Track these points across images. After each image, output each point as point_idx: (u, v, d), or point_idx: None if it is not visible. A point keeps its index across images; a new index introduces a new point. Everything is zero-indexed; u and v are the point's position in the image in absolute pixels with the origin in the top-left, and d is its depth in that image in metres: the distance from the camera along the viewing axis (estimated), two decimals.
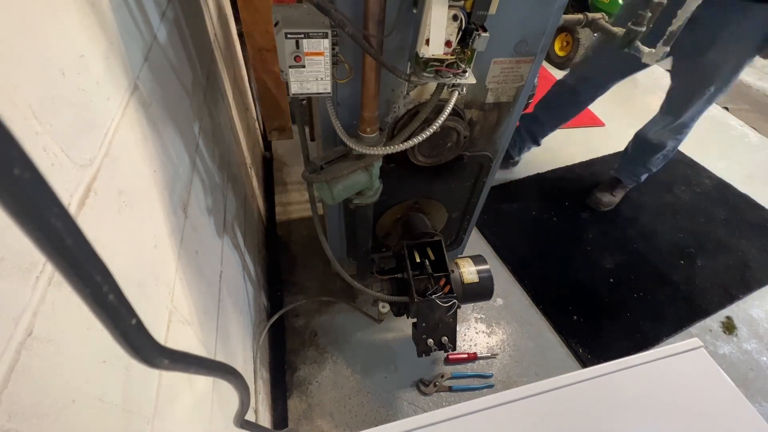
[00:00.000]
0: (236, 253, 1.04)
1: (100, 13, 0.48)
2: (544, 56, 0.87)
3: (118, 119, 0.48)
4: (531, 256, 1.70)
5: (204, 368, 0.35)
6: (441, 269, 1.05)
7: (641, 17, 0.84)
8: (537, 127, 1.92)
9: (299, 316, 1.43)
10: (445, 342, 1.05)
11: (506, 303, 1.54)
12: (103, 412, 0.38)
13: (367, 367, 1.32)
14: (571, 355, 1.41)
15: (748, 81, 3.05)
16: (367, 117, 0.78)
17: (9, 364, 0.28)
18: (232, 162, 1.14)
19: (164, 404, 0.49)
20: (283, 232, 1.69)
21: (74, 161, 0.38)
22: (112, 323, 0.21)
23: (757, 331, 1.53)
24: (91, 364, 0.37)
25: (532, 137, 1.96)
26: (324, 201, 0.93)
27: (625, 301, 1.58)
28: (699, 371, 0.65)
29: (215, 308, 0.78)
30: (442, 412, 0.58)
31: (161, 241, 0.56)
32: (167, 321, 0.53)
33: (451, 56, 0.67)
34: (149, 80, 0.59)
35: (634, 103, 2.71)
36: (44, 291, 0.32)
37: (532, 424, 0.59)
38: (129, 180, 0.49)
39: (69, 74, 0.39)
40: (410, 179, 1.08)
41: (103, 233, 0.42)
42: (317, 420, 1.20)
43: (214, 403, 0.67)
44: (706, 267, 1.72)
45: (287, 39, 0.62)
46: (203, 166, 0.83)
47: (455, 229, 1.33)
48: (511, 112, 0.96)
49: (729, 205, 2.03)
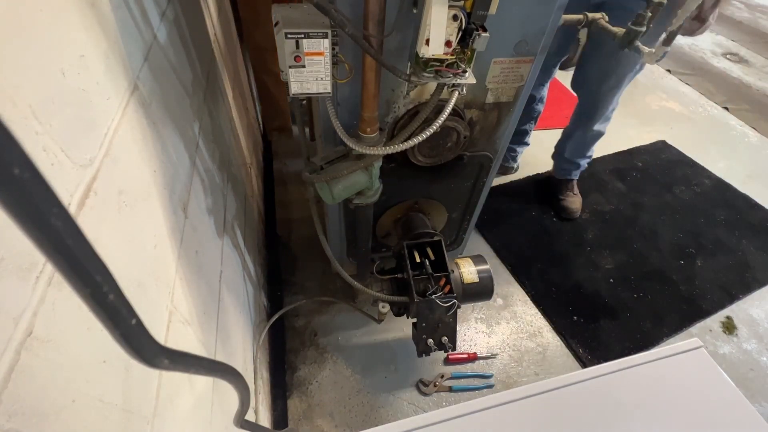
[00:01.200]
0: (236, 253, 1.04)
1: (100, 13, 0.48)
2: (544, 56, 0.87)
3: (118, 119, 0.48)
4: (531, 256, 1.70)
5: (204, 368, 0.35)
6: (441, 269, 1.05)
7: (641, 17, 0.84)
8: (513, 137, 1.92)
9: (299, 316, 1.43)
10: (445, 342, 1.05)
11: (506, 303, 1.54)
12: (103, 412, 0.38)
13: (367, 367, 1.32)
14: (571, 355, 1.41)
15: (748, 81, 3.05)
16: (367, 117, 0.78)
17: (9, 364, 0.28)
18: (232, 162, 1.14)
19: (164, 404, 0.49)
20: (283, 232, 1.69)
21: (74, 161, 0.38)
22: (112, 323, 0.21)
23: (757, 331, 1.53)
24: (91, 364, 0.37)
25: (517, 143, 1.98)
26: (324, 201, 0.93)
27: (625, 301, 1.58)
28: (699, 371, 0.65)
29: (215, 308, 0.78)
30: (442, 412, 0.58)
31: (161, 241, 0.56)
32: (167, 321, 0.53)
33: (451, 56, 0.67)
34: (149, 80, 0.59)
35: (634, 103, 2.71)
36: (44, 291, 0.32)
37: (532, 424, 0.59)
38: (129, 180, 0.49)
39: (69, 74, 0.39)
40: (410, 179, 1.08)
41: (103, 233, 0.42)
42: (317, 420, 1.20)
43: (214, 403, 0.67)
44: (706, 267, 1.72)
45: (287, 39, 0.62)
46: (203, 166, 0.83)
47: (455, 229, 1.33)
48: (511, 112, 0.96)
49: (729, 205, 2.02)
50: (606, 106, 1.59)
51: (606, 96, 1.55)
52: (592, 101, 1.59)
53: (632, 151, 2.30)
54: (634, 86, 2.98)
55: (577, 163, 1.85)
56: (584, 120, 1.67)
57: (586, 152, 1.82)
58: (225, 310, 0.83)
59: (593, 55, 1.47)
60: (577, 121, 1.72)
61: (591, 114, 1.63)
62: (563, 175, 1.91)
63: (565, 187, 1.90)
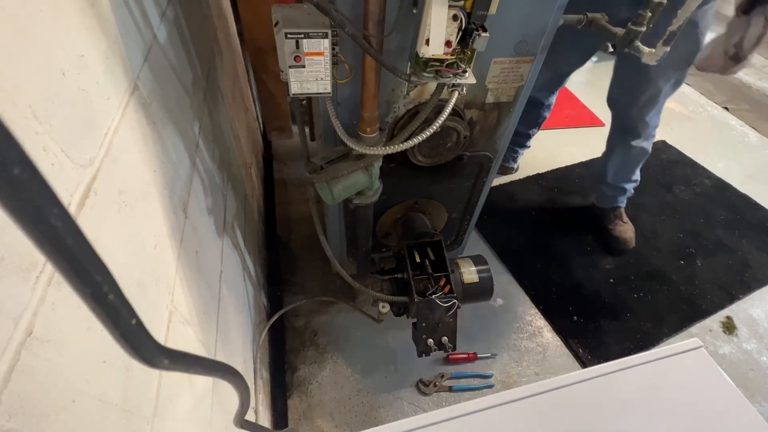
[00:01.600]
0: (236, 253, 1.04)
1: (100, 13, 0.48)
2: (544, 56, 0.87)
3: (118, 119, 0.48)
4: (531, 257, 1.70)
5: (204, 368, 0.35)
6: (441, 269, 1.05)
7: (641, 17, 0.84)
8: (516, 138, 1.88)
9: (299, 316, 1.43)
10: (445, 342, 1.05)
11: (506, 303, 1.54)
12: (103, 412, 0.38)
13: (367, 367, 1.32)
14: (571, 355, 1.41)
15: (748, 81, 3.05)
16: (367, 117, 0.78)
17: (9, 364, 0.28)
18: (232, 162, 1.14)
19: (164, 404, 0.49)
20: (283, 232, 1.69)
21: (74, 161, 0.38)
22: (112, 323, 0.21)
23: (757, 331, 1.53)
24: (91, 364, 0.37)
25: (518, 145, 1.95)
26: (324, 201, 0.93)
27: (625, 301, 1.58)
28: (699, 371, 0.65)
29: (215, 308, 0.78)
30: (442, 412, 0.58)
31: (161, 241, 0.56)
32: (167, 321, 0.53)
33: (451, 56, 0.67)
34: (149, 80, 0.59)
35: None
36: (44, 291, 0.32)
37: (532, 424, 0.59)
38: (129, 180, 0.49)
39: (69, 74, 0.39)
40: (410, 179, 1.08)
41: (103, 233, 0.42)
42: (317, 420, 1.20)
43: (214, 403, 0.67)
44: (706, 267, 1.72)
45: (287, 39, 0.62)
46: (203, 166, 0.83)
47: (455, 229, 1.33)
48: (511, 112, 0.96)
49: (729, 205, 2.03)
50: (644, 121, 1.49)
51: (642, 111, 1.45)
52: (628, 116, 1.51)
53: None
54: None
55: (623, 188, 1.71)
56: (622, 136, 1.57)
57: (631, 175, 1.68)
58: (225, 310, 0.83)
59: (624, 69, 1.42)
60: (615, 138, 1.62)
61: (628, 129, 1.54)
62: (609, 203, 1.76)
63: (613, 215, 1.75)
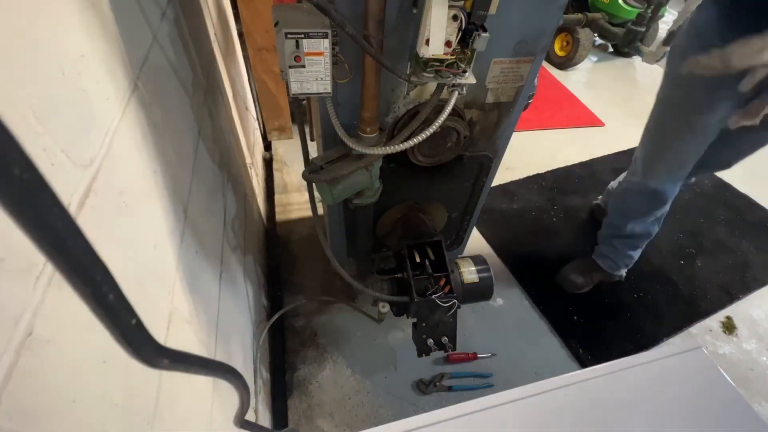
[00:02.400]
0: (236, 253, 1.04)
1: (100, 13, 0.48)
2: (544, 56, 0.87)
3: (118, 119, 0.48)
4: (531, 256, 1.70)
5: (204, 368, 0.35)
6: (441, 269, 1.05)
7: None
8: (630, 240, 1.51)
9: (299, 316, 1.43)
10: (445, 342, 1.05)
11: (506, 303, 1.54)
12: (103, 412, 0.38)
13: (367, 367, 1.32)
14: (571, 356, 1.41)
15: None
16: (367, 117, 0.78)
17: (9, 364, 0.28)
18: (232, 162, 1.14)
19: (164, 404, 0.49)
20: (283, 232, 1.69)
21: (74, 161, 0.38)
22: (112, 323, 0.21)
23: (757, 331, 1.53)
24: (91, 364, 0.37)
25: (631, 247, 1.52)
26: (324, 201, 0.93)
27: (625, 301, 1.58)
28: (699, 371, 0.65)
29: (215, 308, 0.78)
30: (442, 412, 0.57)
31: (161, 241, 0.56)
32: (167, 321, 0.53)
33: (451, 56, 0.67)
34: (149, 80, 0.59)
35: (634, 103, 2.71)
36: (44, 291, 0.32)
37: (532, 424, 0.58)
38: (129, 180, 0.49)
39: (69, 74, 0.39)
40: (410, 179, 1.08)
41: (103, 233, 0.42)
42: (317, 420, 1.20)
43: (214, 403, 0.67)
44: (706, 267, 1.72)
45: (287, 39, 0.62)
46: (203, 166, 0.83)
47: (455, 229, 1.33)
48: (511, 112, 0.96)
49: (729, 205, 2.03)
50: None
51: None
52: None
53: (632, 151, 2.29)
54: (634, 86, 2.98)
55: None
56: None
57: None
58: (225, 310, 0.83)
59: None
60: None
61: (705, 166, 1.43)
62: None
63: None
